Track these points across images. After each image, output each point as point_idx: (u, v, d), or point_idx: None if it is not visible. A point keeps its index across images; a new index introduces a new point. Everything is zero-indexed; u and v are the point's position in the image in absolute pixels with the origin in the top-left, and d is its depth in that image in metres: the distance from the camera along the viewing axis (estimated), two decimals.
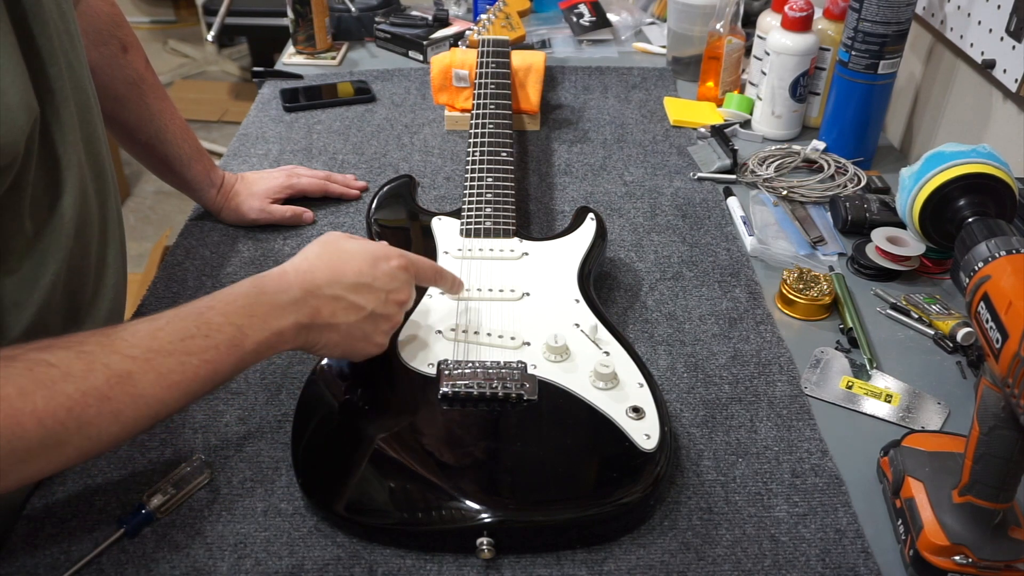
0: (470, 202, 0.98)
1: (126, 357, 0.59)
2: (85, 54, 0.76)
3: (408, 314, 0.83)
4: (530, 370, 0.77)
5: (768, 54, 1.24)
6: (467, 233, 0.94)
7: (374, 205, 1.02)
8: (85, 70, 0.76)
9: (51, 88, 0.69)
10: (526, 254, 0.92)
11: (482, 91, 1.18)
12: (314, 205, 1.11)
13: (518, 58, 1.29)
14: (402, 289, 0.76)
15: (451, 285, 0.83)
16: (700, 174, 1.20)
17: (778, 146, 1.25)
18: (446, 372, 0.76)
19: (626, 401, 0.75)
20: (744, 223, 1.08)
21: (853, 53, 1.14)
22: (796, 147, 1.23)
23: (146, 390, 0.59)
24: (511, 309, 0.84)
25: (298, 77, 1.46)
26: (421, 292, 0.85)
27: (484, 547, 0.65)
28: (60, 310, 0.74)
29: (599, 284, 0.96)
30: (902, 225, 0.95)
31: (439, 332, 0.81)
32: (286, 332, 0.68)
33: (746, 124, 1.32)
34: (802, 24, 1.21)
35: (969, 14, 1.13)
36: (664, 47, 1.55)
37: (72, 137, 0.71)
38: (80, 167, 0.73)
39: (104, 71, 0.92)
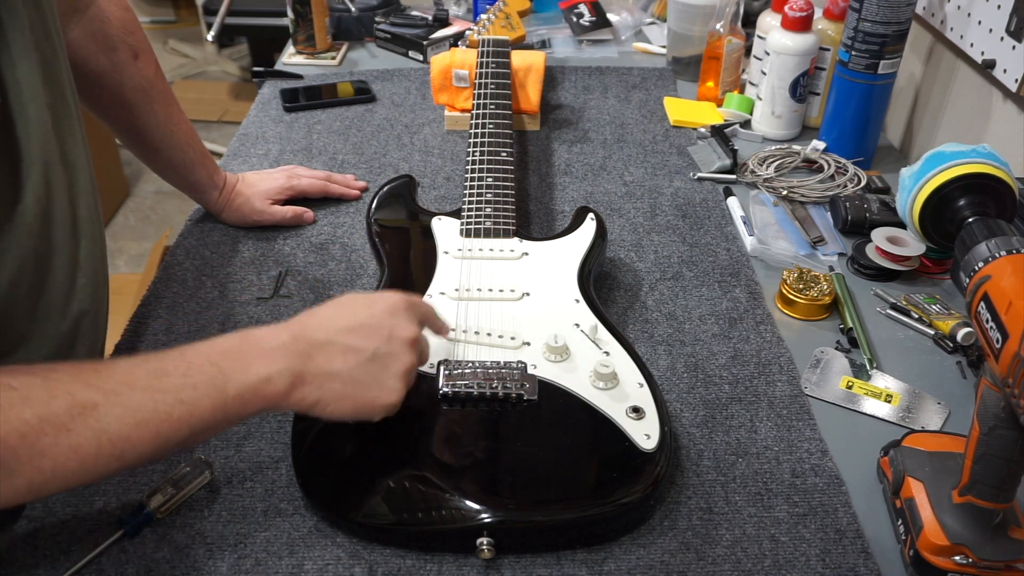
0: (470, 202, 0.98)
1: (94, 387, 0.56)
2: (64, 47, 0.74)
3: None
4: (530, 370, 0.77)
5: (768, 54, 1.24)
6: (467, 233, 0.94)
7: (374, 205, 1.02)
8: (62, 64, 0.73)
9: (18, 81, 0.66)
10: (526, 254, 0.92)
11: (482, 91, 1.18)
12: (314, 205, 1.11)
13: (518, 58, 1.29)
14: (404, 325, 0.69)
15: (440, 327, 0.78)
16: (700, 174, 1.20)
17: (778, 146, 1.25)
18: (446, 372, 0.76)
19: (626, 401, 0.75)
20: (744, 223, 1.08)
21: (853, 53, 1.14)
22: (796, 147, 1.23)
23: (110, 425, 0.55)
24: (511, 309, 0.84)
25: (298, 77, 1.46)
26: (419, 294, 0.85)
27: (484, 547, 0.65)
28: (24, 308, 0.71)
29: (599, 284, 0.96)
30: (902, 225, 0.95)
31: None
32: (275, 379, 0.63)
33: (746, 124, 1.32)
34: (802, 24, 1.21)
35: (969, 14, 1.13)
36: (664, 47, 1.55)
37: (38, 134, 0.69)
38: (45, 165, 0.69)
39: (112, 77, 0.91)
